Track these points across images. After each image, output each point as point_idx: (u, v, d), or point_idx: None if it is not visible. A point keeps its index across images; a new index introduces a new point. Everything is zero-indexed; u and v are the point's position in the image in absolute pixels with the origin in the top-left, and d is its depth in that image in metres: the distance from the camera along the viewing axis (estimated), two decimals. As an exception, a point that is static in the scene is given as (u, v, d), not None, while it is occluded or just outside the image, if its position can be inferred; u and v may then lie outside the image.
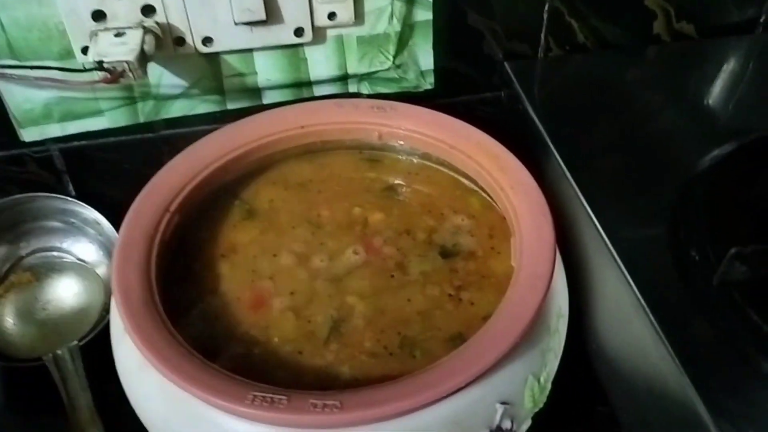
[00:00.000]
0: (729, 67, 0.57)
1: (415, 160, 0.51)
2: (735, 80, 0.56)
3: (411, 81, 0.54)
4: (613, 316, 0.42)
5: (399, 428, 0.33)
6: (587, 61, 0.58)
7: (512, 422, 0.37)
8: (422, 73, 0.54)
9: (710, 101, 0.54)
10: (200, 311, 0.41)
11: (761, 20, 0.60)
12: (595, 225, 0.42)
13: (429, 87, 0.55)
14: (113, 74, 0.42)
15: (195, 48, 0.48)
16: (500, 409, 0.36)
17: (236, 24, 0.47)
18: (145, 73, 0.44)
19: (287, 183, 0.50)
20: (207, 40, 0.48)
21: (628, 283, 0.39)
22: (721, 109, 0.54)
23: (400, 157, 0.51)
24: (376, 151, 0.51)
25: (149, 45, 0.44)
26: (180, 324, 0.39)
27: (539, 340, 0.39)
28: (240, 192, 0.49)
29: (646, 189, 0.46)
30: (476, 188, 0.49)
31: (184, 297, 0.42)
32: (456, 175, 0.50)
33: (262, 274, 0.44)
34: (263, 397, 0.33)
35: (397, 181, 0.50)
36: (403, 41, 0.52)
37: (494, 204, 0.47)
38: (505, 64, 0.57)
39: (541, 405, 0.38)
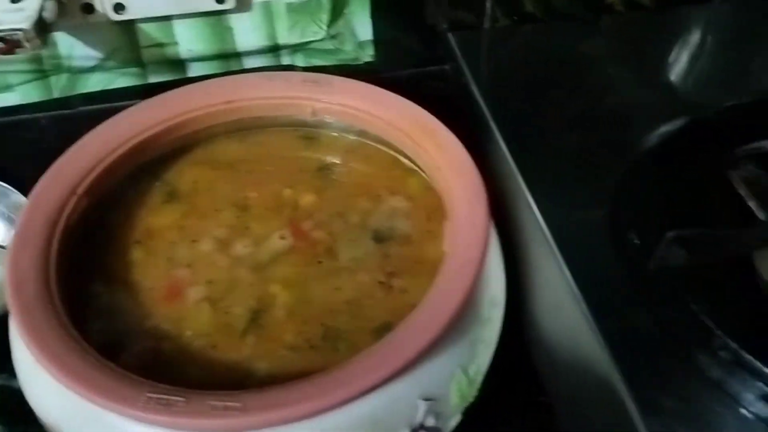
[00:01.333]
0: (686, 39, 0.55)
1: (351, 138, 0.48)
2: (692, 53, 0.54)
3: (349, 53, 0.51)
4: (551, 305, 0.40)
5: (306, 429, 0.30)
6: (536, 33, 0.55)
7: (437, 419, 0.34)
8: (360, 45, 0.51)
9: (666, 76, 0.51)
10: (106, 303, 0.38)
11: (719, -11, 0.58)
12: (533, 208, 0.40)
13: (368, 59, 0.52)
14: (7, 44, 0.39)
15: (106, 15, 0.44)
16: (422, 405, 0.33)
17: (151, -11, 0.44)
18: (44, 43, 0.40)
19: (214, 163, 0.46)
20: (119, 7, 0.44)
21: (563, 269, 0.36)
22: (678, 84, 0.51)
23: (335, 134, 0.48)
24: (310, 128, 0.48)
25: (49, 12, 0.40)
26: (82, 318, 0.36)
27: (468, 330, 0.36)
28: (161, 173, 0.45)
29: (592, 170, 0.43)
30: (415, 168, 0.46)
31: (90, 288, 0.39)
32: (395, 154, 0.47)
33: (179, 261, 0.41)
34: (158, 398, 0.30)
35: (332, 161, 0.47)
36: (337, 9, 0.49)
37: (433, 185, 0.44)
38: (449, 35, 0.53)
39: (471, 399, 0.36)
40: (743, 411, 0.30)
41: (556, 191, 0.41)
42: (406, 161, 0.46)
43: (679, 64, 0.53)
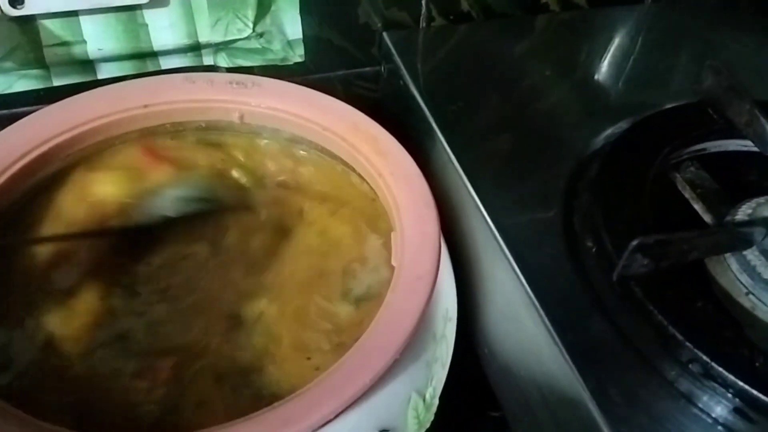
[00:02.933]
0: (620, 39, 0.54)
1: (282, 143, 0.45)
2: (626, 53, 0.53)
3: (277, 52, 0.47)
4: (505, 316, 0.37)
5: None
6: (472, 32, 0.53)
7: None
8: (290, 44, 0.48)
9: (601, 75, 0.51)
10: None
11: (651, -11, 0.58)
12: (483, 214, 0.38)
13: (299, 60, 0.49)
14: None
15: (1, 10, 0.39)
16: None
17: (53, -19, 0.39)
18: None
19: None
20: (16, 1, 0.39)
21: (518, 277, 0.34)
22: (613, 83, 0.50)
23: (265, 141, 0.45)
24: (239, 133, 0.44)
25: (-68, 4, 0.35)
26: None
27: (423, 351, 0.34)
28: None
29: (537, 172, 0.41)
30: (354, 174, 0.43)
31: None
32: (331, 160, 0.44)
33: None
34: None
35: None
36: (264, 5, 0.45)
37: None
38: (384, 34, 0.51)
39: (427, 425, 0.33)
40: (716, 425, 0.28)
41: (503, 193, 0.39)
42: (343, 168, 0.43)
43: (612, 64, 0.52)
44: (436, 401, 0.34)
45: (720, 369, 0.28)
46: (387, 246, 0.38)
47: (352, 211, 0.42)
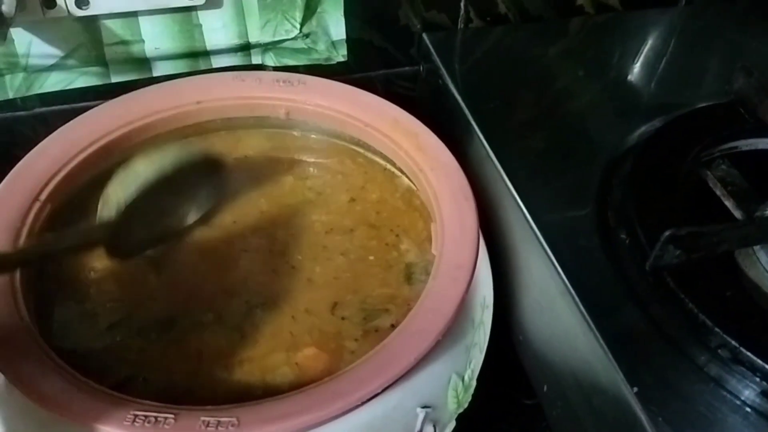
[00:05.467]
0: (653, 40, 0.55)
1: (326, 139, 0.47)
2: (659, 54, 0.54)
3: (321, 52, 0.50)
4: (540, 305, 0.39)
5: None
6: (509, 34, 0.55)
7: (435, 427, 0.33)
8: (334, 44, 0.50)
9: (634, 76, 0.52)
10: (74, 317, 0.36)
11: (684, -8, 0.59)
12: (520, 207, 0.39)
13: (342, 59, 0.51)
14: (-38, 39, 0.36)
15: (68, 10, 0.41)
16: (421, 413, 0.32)
17: (116, -17, 0.41)
18: (3, 38, 0.37)
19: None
20: (82, 2, 0.41)
21: (555, 268, 0.36)
22: (646, 83, 0.52)
23: (312, 135, 0.47)
24: (283, 129, 0.47)
25: (8, 6, 0.37)
26: (50, 334, 0.34)
27: (463, 335, 0.35)
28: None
29: (572, 168, 0.43)
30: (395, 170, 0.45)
31: (60, 299, 0.36)
32: (372, 156, 0.46)
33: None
34: (146, 416, 0.28)
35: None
36: (310, 7, 0.47)
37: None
38: (424, 35, 0.53)
39: (465, 405, 0.35)
40: (744, 407, 0.30)
41: (540, 188, 0.41)
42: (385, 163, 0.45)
43: (645, 65, 0.53)
44: (474, 383, 0.36)
45: (748, 354, 0.30)
46: (428, 237, 0.40)
47: (393, 204, 0.44)
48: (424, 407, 0.32)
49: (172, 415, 0.28)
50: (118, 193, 0.35)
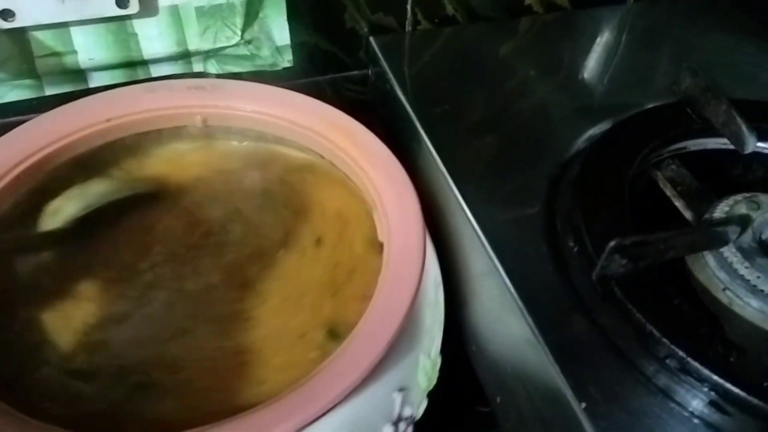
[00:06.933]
0: (602, 39, 0.55)
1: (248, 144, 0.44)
2: (609, 53, 0.54)
3: (266, 58, 0.48)
4: (491, 314, 0.38)
5: None
6: (457, 35, 0.54)
7: (411, 407, 0.33)
8: (278, 49, 0.48)
9: (584, 75, 0.52)
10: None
11: (633, -10, 0.58)
12: (466, 214, 0.39)
13: (287, 65, 0.49)
14: None
15: (-7, 23, 0.39)
16: (398, 397, 0.32)
17: (43, -8, 0.39)
18: None
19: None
20: (7, 13, 0.39)
21: (502, 276, 0.35)
22: (596, 83, 0.51)
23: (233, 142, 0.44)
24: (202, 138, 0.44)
25: (-76, 19, 0.35)
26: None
27: (424, 314, 0.35)
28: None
29: (520, 173, 0.42)
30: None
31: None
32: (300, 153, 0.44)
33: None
34: None
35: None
36: (251, 13, 0.46)
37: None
38: (371, 39, 0.52)
39: (434, 381, 0.35)
40: (692, 418, 0.30)
41: (487, 195, 0.40)
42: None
43: (595, 64, 0.53)
44: (439, 359, 0.36)
45: (696, 364, 0.29)
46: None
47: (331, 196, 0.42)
48: (400, 390, 0.32)
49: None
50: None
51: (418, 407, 0.34)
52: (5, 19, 0.40)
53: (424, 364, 0.34)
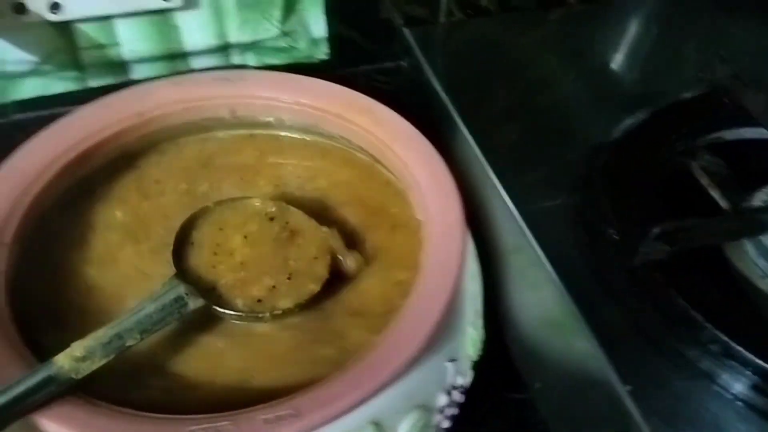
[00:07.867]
0: (635, 30, 0.55)
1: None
2: (641, 42, 0.54)
3: (303, 50, 0.49)
4: (530, 301, 0.39)
5: (362, 417, 0.30)
6: (490, 26, 0.54)
7: (462, 377, 0.35)
8: (315, 42, 0.49)
9: (617, 64, 0.52)
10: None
11: (664, -20, 0.58)
12: (504, 198, 0.39)
13: (324, 57, 0.50)
14: (-69, 49, 0.35)
15: (41, 16, 0.40)
16: (450, 367, 0.34)
17: (89, -14, 0.40)
18: (-26, 47, 0.36)
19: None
20: (55, 7, 0.40)
21: (544, 263, 0.36)
22: (628, 72, 0.52)
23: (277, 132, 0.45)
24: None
25: (-23, 13, 0.36)
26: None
27: (467, 288, 0.36)
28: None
29: (555, 159, 0.43)
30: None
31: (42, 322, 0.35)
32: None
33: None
34: (205, 429, 0.28)
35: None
36: (290, 6, 0.46)
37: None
38: (404, 30, 0.52)
39: (480, 352, 0.36)
40: (735, 401, 0.30)
41: (525, 181, 0.41)
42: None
43: (628, 53, 0.53)
44: (482, 330, 0.37)
45: (738, 348, 0.30)
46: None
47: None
48: (451, 360, 0.34)
49: (229, 422, 0.28)
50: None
51: (466, 377, 0.36)
52: (53, 12, 0.41)
53: (471, 335, 0.36)
